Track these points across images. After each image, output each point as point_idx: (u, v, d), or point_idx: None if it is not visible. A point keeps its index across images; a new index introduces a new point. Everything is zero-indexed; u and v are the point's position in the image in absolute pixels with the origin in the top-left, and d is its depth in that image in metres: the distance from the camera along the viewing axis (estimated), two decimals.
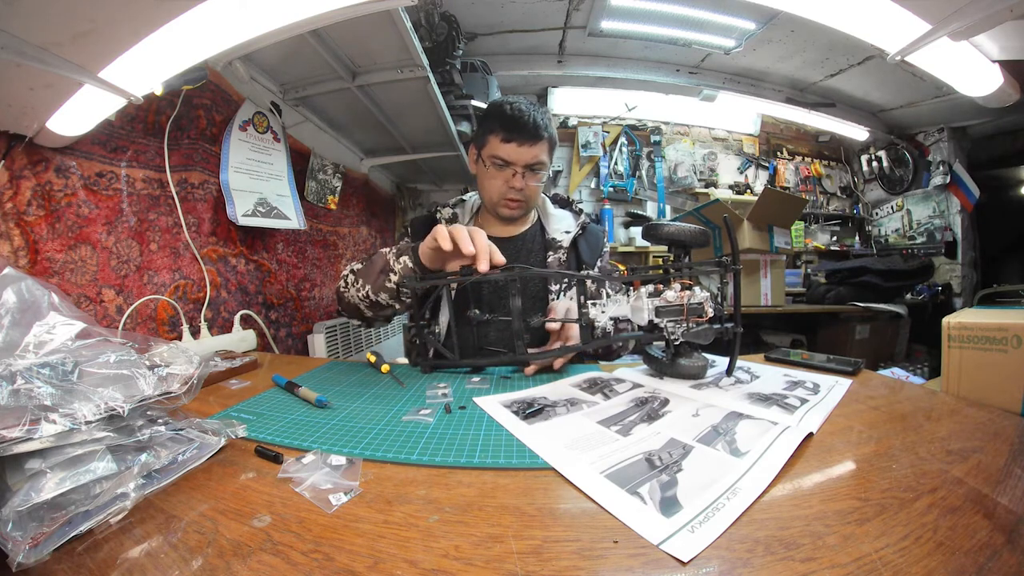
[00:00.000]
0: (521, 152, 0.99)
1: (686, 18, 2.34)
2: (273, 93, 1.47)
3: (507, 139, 0.99)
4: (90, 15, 0.58)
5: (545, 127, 1.00)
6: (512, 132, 0.98)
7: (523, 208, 1.06)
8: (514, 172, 1.01)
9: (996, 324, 0.58)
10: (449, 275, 0.80)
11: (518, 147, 0.99)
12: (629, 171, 3.26)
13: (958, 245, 3.06)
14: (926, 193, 3.22)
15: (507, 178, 1.02)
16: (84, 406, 0.36)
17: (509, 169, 1.01)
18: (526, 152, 0.99)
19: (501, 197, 1.04)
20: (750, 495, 0.36)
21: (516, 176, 1.01)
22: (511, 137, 0.98)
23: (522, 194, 1.03)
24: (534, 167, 1.01)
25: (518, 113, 0.99)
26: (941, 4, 0.64)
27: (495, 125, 1.01)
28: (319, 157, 1.80)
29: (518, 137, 0.98)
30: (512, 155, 0.99)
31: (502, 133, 0.99)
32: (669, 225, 0.71)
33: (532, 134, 0.98)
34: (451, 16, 1.96)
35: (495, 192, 1.04)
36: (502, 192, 1.03)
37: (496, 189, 1.04)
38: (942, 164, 3.06)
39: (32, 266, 0.84)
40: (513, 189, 1.02)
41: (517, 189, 1.02)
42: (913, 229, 3.34)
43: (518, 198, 1.03)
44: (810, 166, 3.61)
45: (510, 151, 0.99)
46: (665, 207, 3.29)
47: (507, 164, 1.00)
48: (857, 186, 3.68)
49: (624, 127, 3.22)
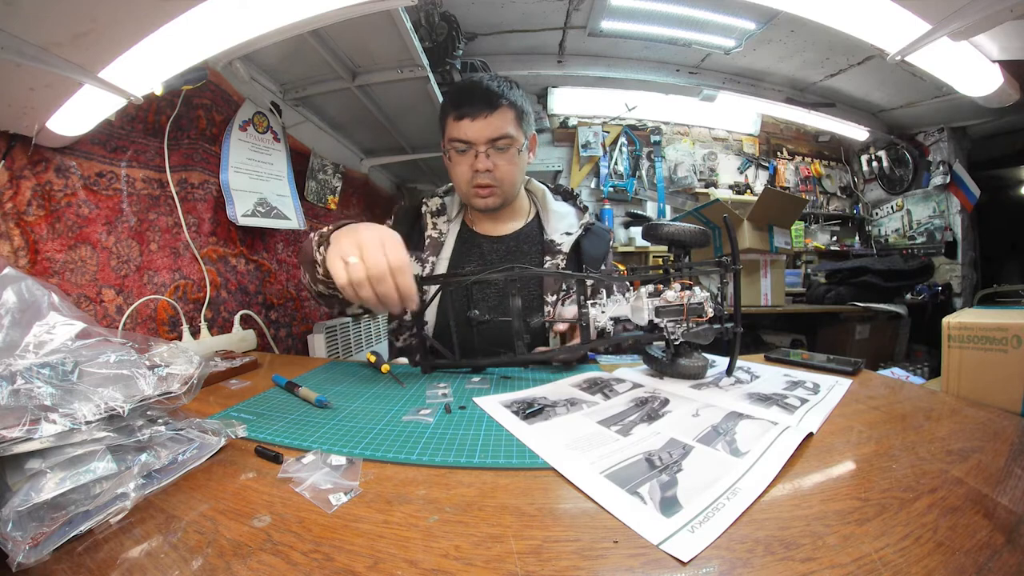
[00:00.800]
0: (478, 127, 0.86)
1: (686, 18, 2.34)
2: (273, 93, 1.47)
3: (459, 115, 0.87)
4: (90, 15, 0.58)
5: (502, 93, 0.87)
6: (464, 106, 0.87)
7: (498, 195, 0.93)
8: (476, 153, 0.88)
9: (996, 324, 0.58)
10: (446, 276, 0.80)
11: (472, 122, 0.86)
12: (629, 171, 3.26)
13: (958, 245, 3.06)
14: (926, 193, 3.22)
15: (470, 161, 0.89)
16: (84, 406, 0.36)
17: (471, 150, 0.88)
18: (484, 126, 0.86)
19: (470, 185, 0.91)
20: (750, 495, 0.36)
21: (479, 157, 0.88)
22: (463, 112, 0.87)
23: (491, 176, 0.90)
24: (498, 143, 0.88)
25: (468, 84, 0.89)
26: (941, 4, 0.64)
27: (447, 106, 0.90)
28: (319, 157, 1.80)
29: (471, 110, 0.86)
30: (469, 132, 0.87)
31: (454, 111, 0.88)
32: (669, 225, 0.71)
33: (486, 103, 0.86)
34: (451, 16, 1.96)
35: (463, 181, 0.92)
36: (469, 179, 0.91)
37: (463, 178, 0.91)
38: (942, 164, 3.06)
39: (32, 266, 0.84)
40: (479, 172, 0.89)
41: (483, 171, 0.89)
42: (913, 229, 3.34)
43: (487, 182, 0.90)
44: (810, 166, 3.61)
45: (466, 128, 0.87)
46: (665, 207, 3.29)
47: (468, 145, 0.88)
48: (857, 186, 3.68)
49: (624, 127, 3.22)
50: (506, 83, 0.90)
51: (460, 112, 0.87)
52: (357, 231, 0.64)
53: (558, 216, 1.02)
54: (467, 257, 0.98)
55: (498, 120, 0.87)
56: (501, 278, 0.73)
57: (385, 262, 0.61)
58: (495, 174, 0.90)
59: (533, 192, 1.07)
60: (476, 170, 0.89)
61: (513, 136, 0.89)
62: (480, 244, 0.99)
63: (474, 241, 0.99)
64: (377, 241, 0.62)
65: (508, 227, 1.01)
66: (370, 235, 0.63)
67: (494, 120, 0.87)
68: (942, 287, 2.96)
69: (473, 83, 0.89)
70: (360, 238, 0.62)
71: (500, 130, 0.87)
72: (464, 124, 0.87)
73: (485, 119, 0.86)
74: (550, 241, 0.98)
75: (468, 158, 0.89)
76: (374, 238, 0.62)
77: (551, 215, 1.01)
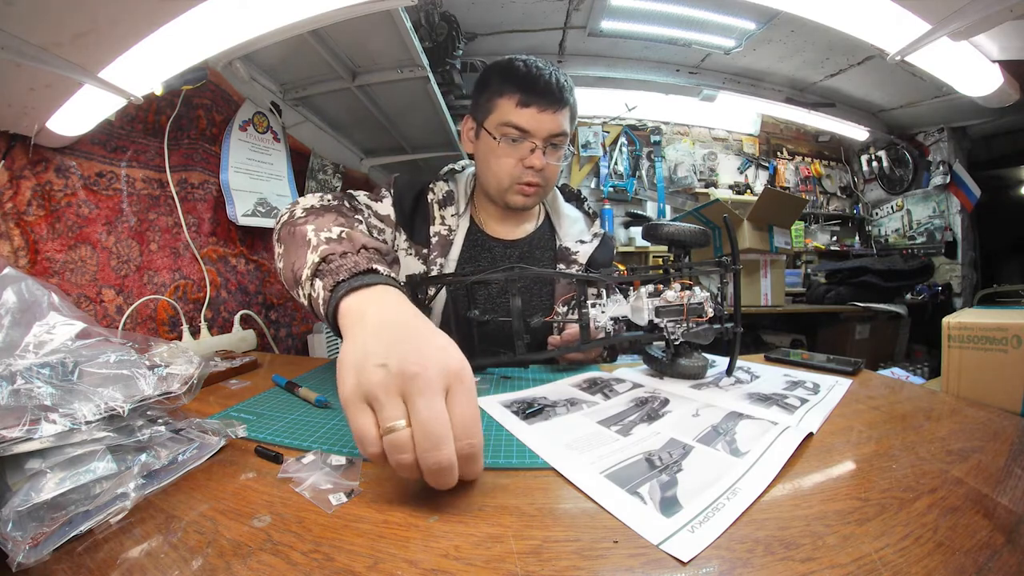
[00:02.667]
0: (543, 120, 0.79)
1: (686, 18, 2.34)
2: (273, 93, 1.47)
3: (525, 102, 0.78)
4: (90, 15, 0.58)
5: (570, 90, 0.81)
6: (531, 94, 0.78)
7: (540, 195, 0.86)
8: (532, 147, 0.80)
9: (996, 324, 0.58)
10: (448, 276, 0.79)
11: (539, 113, 0.78)
12: (629, 171, 3.26)
13: (958, 245, 3.06)
14: (926, 193, 3.22)
15: (523, 155, 0.80)
16: (84, 406, 0.36)
17: (527, 143, 0.80)
18: (548, 120, 0.79)
19: (514, 181, 0.83)
20: (750, 495, 0.36)
21: (535, 152, 0.80)
22: (530, 100, 0.78)
23: (541, 176, 0.82)
24: (556, 141, 0.81)
25: (536, 71, 0.79)
26: (941, 4, 0.64)
27: (507, 86, 0.80)
28: (319, 157, 1.80)
29: (539, 100, 0.78)
30: (531, 123, 0.79)
31: (518, 95, 0.78)
32: (669, 225, 0.71)
33: (556, 97, 0.79)
34: (451, 16, 1.96)
35: (505, 174, 0.82)
36: (515, 175, 0.82)
37: (507, 170, 0.82)
38: (942, 164, 3.06)
39: (32, 266, 0.84)
40: (531, 170, 0.81)
41: (536, 169, 0.81)
42: (913, 229, 3.34)
43: (536, 181, 0.82)
44: (810, 166, 3.61)
45: (529, 118, 0.78)
46: (665, 207, 3.29)
47: (524, 136, 0.80)
48: (857, 186, 3.68)
49: (624, 127, 3.22)
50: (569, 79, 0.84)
51: (527, 98, 0.78)
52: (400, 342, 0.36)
53: (570, 221, 0.96)
54: (477, 261, 0.92)
55: (561, 118, 0.81)
56: (501, 278, 0.72)
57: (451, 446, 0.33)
58: (545, 173, 0.83)
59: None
60: (529, 166, 0.81)
61: (568, 135, 0.84)
62: (491, 248, 0.92)
63: (484, 244, 0.92)
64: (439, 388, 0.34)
65: (520, 230, 0.95)
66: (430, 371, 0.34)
67: (558, 117, 0.80)
68: (942, 287, 2.96)
69: (541, 70, 0.80)
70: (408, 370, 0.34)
71: (562, 127, 0.81)
72: (528, 112, 0.78)
73: (552, 114, 0.79)
74: (564, 248, 0.93)
75: (520, 150, 0.81)
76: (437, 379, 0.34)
77: (563, 219, 0.96)
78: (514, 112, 0.79)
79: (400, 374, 0.34)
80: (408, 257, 0.90)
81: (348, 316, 0.43)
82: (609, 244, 1.01)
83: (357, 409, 0.35)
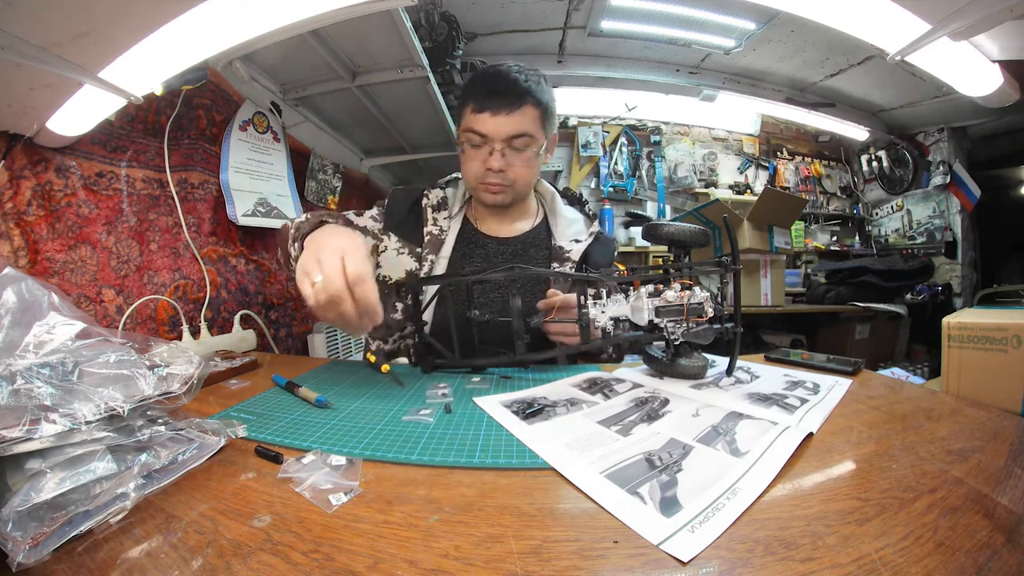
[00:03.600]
0: (499, 123, 0.81)
1: (686, 18, 2.34)
2: (273, 93, 1.47)
3: (479, 107, 0.81)
4: (90, 15, 0.58)
5: (529, 89, 0.81)
6: (485, 99, 0.80)
7: (507, 193, 0.88)
8: (491, 150, 0.83)
9: (996, 324, 0.58)
10: (445, 276, 0.79)
11: (492, 116, 0.80)
12: (629, 171, 3.26)
13: (958, 245, 3.06)
14: (926, 193, 3.22)
15: (484, 157, 0.84)
16: (84, 406, 0.36)
17: (486, 146, 0.83)
18: (504, 123, 0.81)
19: (479, 182, 0.87)
20: (750, 495, 0.36)
21: (494, 155, 0.82)
22: (485, 105, 0.80)
23: (503, 176, 0.85)
24: (516, 142, 0.82)
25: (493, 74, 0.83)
26: (941, 4, 0.64)
27: (467, 94, 0.84)
28: (319, 157, 1.80)
29: (493, 103, 0.80)
30: (487, 127, 0.81)
31: (473, 101, 0.82)
32: (669, 225, 0.71)
33: (510, 98, 0.80)
34: (451, 16, 1.96)
35: (471, 176, 0.88)
36: (479, 175, 0.86)
37: (472, 173, 0.87)
38: (942, 164, 3.06)
39: (32, 266, 0.84)
40: (491, 171, 0.84)
41: (496, 171, 0.84)
42: (913, 229, 3.34)
43: (498, 181, 0.85)
44: (810, 166, 3.61)
45: (484, 122, 0.81)
46: (665, 207, 3.29)
47: (484, 139, 0.83)
48: (857, 186, 3.68)
49: (624, 127, 3.22)
50: (535, 76, 0.84)
51: (481, 103, 0.81)
52: (318, 242, 0.62)
53: (567, 221, 0.98)
54: (470, 258, 0.94)
55: (520, 117, 0.81)
56: (501, 278, 0.72)
57: (342, 279, 0.56)
58: (508, 174, 0.85)
59: (542, 194, 1.03)
60: (489, 168, 0.84)
61: (533, 136, 0.84)
62: (485, 245, 0.95)
63: (478, 241, 0.96)
64: (336, 254, 0.58)
65: (515, 228, 0.97)
66: (329, 247, 0.59)
67: (516, 117, 0.81)
68: (942, 287, 2.96)
69: (499, 73, 0.82)
70: (320, 252, 0.59)
71: (521, 128, 0.82)
72: (483, 117, 0.81)
73: (507, 115, 0.81)
74: (559, 247, 0.94)
75: (482, 153, 0.84)
76: (333, 250, 0.58)
77: (560, 219, 0.98)
78: (472, 118, 0.82)
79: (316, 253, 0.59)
80: (401, 256, 0.94)
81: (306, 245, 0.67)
82: (609, 244, 1.02)
83: (301, 279, 0.59)
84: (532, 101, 0.82)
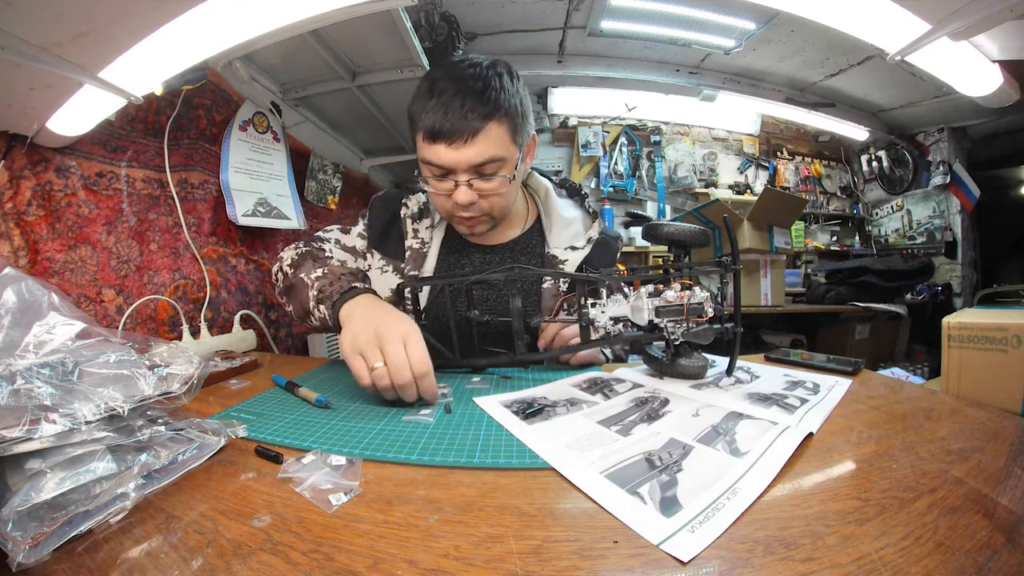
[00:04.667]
0: (458, 155, 0.68)
1: (686, 18, 2.34)
2: (273, 93, 1.47)
3: (432, 137, 0.68)
4: (90, 15, 0.58)
5: (490, 109, 0.67)
6: (438, 129, 0.67)
7: (485, 223, 0.79)
8: (455, 183, 0.71)
9: (996, 324, 0.58)
10: (445, 277, 0.79)
11: (448, 147, 0.67)
12: (629, 171, 3.26)
13: (958, 245, 3.06)
14: (926, 193, 3.22)
15: (449, 189, 0.72)
16: (84, 406, 0.36)
17: (449, 179, 0.72)
18: (466, 153, 0.68)
19: (449, 216, 0.78)
20: (750, 495, 0.36)
21: (460, 188, 0.71)
22: (438, 135, 0.67)
23: (476, 208, 0.74)
24: (485, 168, 0.70)
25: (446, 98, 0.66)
26: (941, 4, 0.64)
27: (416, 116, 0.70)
28: (319, 157, 1.80)
29: (448, 135, 0.66)
30: (446, 159, 0.69)
31: (424, 129, 0.68)
32: (669, 225, 0.71)
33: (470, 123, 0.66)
34: (451, 16, 1.96)
35: (441, 209, 0.79)
36: (449, 210, 0.76)
37: (441, 206, 0.77)
38: (942, 164, 3.06)
39: (32, 266, 0.84)
40: (459, 205, 0.73)
41: (464, 204, 0.72)
42: (913, 229, 3.34)
43: (470, 215, 0.75)
44: (810, 166, 3.61)
45: (441, 154, 0.69)
46: (665, 207, 3.29)
47: (445, 172, 0.71)
48: (857, 186, 3.68)
49: (624, 127, 3.22)
50: (497, 78, 0.69)
51: (434, 133, 0.67)
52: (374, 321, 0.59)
53: (563, 223, 0.87)
54: (455, 269, 0.88)
55: (484, 143, 0.68)
56: (501, 278, 0.72)
57: (409, 371, 0.55)
58: (480, 205, 0.74)
59: (535, 189, 0.92)
60: (457, 202, 0.73)
61: (504, 157, 0.71)
62: (470, 255, 0.88)
63: (463, 251, 0.89)
64: (399, 341, 0.56)
65: (504, 235, 0.88)
66: (391, 333, 0.57)
67: (479, 144, 0.68)
68: (942, 287, 2.96)
69: (453, 94, 0.66)
70: (380, 334, 0.57)
71: (486, 154, 0.69)
72: (439, 149, 0.68)
73: (465, 144, 0.67)
74: (552, 256, 0.85)
75: (447, 185, 0.73)
76: (396, 337, 0.56)
77: (555, 221, 0.87)
78: (427, 148, 0.70)
79: (376, 335, 0.57)
80: (385, 274, 0.90)
81: (344, 319, 0.65)
82: (612, 247, 0.92)
83: (354, 358, 0.58)
84: (496, 118, 0.68)
